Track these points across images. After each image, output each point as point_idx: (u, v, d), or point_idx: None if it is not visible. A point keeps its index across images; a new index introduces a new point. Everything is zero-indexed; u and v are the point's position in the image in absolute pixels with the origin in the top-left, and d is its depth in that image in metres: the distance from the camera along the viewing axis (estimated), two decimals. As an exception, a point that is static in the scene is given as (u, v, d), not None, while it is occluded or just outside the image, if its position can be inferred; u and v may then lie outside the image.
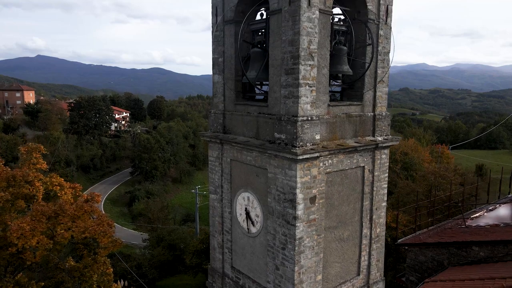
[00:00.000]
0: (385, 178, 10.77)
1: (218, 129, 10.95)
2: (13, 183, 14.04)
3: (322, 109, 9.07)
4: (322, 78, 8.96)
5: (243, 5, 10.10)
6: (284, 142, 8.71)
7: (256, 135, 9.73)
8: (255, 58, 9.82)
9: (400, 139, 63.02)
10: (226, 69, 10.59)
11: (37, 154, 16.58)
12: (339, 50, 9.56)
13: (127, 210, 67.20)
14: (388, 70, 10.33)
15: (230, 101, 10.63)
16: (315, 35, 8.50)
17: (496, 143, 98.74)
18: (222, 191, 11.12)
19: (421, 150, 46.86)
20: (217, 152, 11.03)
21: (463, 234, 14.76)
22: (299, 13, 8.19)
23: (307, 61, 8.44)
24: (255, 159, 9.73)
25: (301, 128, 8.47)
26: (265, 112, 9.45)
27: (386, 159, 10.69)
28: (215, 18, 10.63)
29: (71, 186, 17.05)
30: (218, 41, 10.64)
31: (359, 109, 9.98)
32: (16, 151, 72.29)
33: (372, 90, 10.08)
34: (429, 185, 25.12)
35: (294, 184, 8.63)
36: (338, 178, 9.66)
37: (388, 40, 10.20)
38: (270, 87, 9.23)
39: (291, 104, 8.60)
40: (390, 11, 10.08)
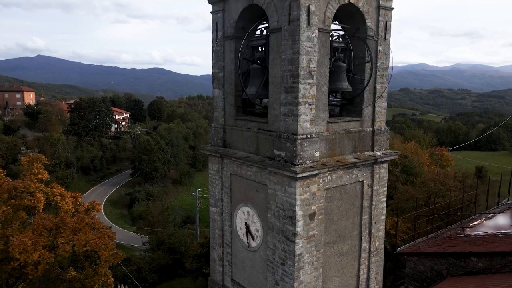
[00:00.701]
0: (384, 192, 10.85)
1: (218, 143, 11.03)
2: (15, 194, 14.13)
3: (321, 126, 9.15)
4: (321, 96, 9.04)
5: (243, 22, 10.17)
6: (284, 160, 8.79)
7: (256, 151, 9.81)
8: (255, 75, 9.89)
9: (400, 141, 62.64)
10: (226, 84, 10.66)
11: (38, 164, 16.65)
12: (338, 67, 9.64)
13: (127, 212, 67.30)
14: (387, 85, 10.41)
15: (230, 115, 10.71)
16: (314, 54, 8.57)
17: (496, 145, 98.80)
18: (222, 205, 11.20)
19: (421, 153, 46.94)
20: (217, 165, 11.10)
21: (462, 243, 14.85)
22: (298, 32, 8.27)
23: (306, 79, 8.52)
24: (255, 174, 9.81)
25: (300, 146, 8.54)
26: (265, 128, 9.53)
27: (385, 173, 10.77)
28: (215, 33, 10.70)
29: (72, 195, 17.12)
30: (218, 56, 10.71)
31: (358, 124, 10.05)
32: (16, 152, 72.56)
33: (371, 106, 10.16)
34: (429, 191, 25.23)
35: (294, 201, 8.71)
36: (337, 193, 9.74)
37: (387, 56, 10.28)
38: (270, 104, 9.31)
39: (290, 122, 8.68)
40: (389, 27, 10.15)
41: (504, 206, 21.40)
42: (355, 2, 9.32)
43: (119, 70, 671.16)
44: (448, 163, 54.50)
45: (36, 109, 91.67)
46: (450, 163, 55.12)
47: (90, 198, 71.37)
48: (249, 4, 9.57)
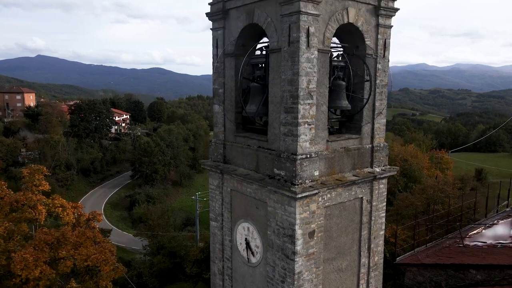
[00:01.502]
0: (383, 207, 10.93)
1: (218, 159, 11.10)
2: (16, 207, 14.22)
3: (321, 145, 9.23)
4: (321, 115, 9.12)
5: (243, 39, 10.25)
6: (284, 179, 8.87)
7: (256, 168, 9.89)
8: (254, 93, 9.97)
9: (400, 144, 62.82)
10: (226, 100, 10.74)
11: (39, 175, 16.73)
12: (338, 85, 9.71)
13: (127, 214, 67.39)
14: (386, 102, 10.48)
15: (230, 132, 10.79)
16: (314, 75, 8.65)
17: (495, 146, 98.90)
18: (222, 219, 11.28)
19: (420, 157, 47.03)
20: (218, 181, 11.18)
21: (461, 255, 14.93)
22: (298, 54, 8.35)
23: (306, 100, 8.60)
24: (255, 191, 9.89)
25: (300, 166, 8.62)
26: (265, 146, 9.61)
27: (384, 188, 10.85)
28: (216, 50, 10.78)
29: (73, 206, 17.19)
30: (219, 72, 10.79)
31: (358, 142, 10.13)
32: (17, 154, 72.64)
33: (370, 123, 10.24)
34: (428, 198, 25.34)
35: (293, 220, 8.79)
36: (336, 210, 9.82)
37: (386, 73, 10.36)
38: (270, 123, 9.39)
39: (290, 142, 8.76)
40: (388, 44, 10.23)
41: (503, 213, 21.47)
42: (354, 21, 9.39)
43: (119, 70, 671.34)
44: (448, 166, 54.59)
45: (36, 111, 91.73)
46: (450, 166, 55.21)
47: (91, 200, 71.54)
48: (249, 23, 9.65)
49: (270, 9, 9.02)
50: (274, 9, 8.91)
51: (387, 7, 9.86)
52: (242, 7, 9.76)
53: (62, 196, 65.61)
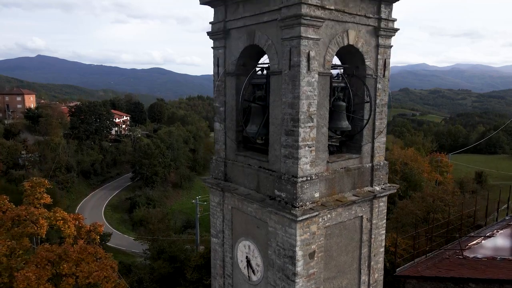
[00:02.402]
0: (383, 224, 11.00)
1: (219, 176, 11.17)
2: (18, 222, 14.29)
3: (321, 166, 9.29)
4: (321, 137, 9.19)
5: (244, 59, 10.32)
6: (284, 201, 8.93)
7: (257, 188, 9.95)
8: (255, 113, 10.04)
9: (400, 146, 62.73)
10: (227, 118, 10.80)
11: (41, 188, 16.80)
12: (338, 106, 9.78)
13: (127, 217, 67.41)
14: (386, 121, 10.55)
15: (231, 150, 10.85)
16: (314, 98, 8.72)
17: (496, 148, 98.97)
18: (223, 236, 11.34)
19: (420, 161, 47.12)
20: (219, 198, 11.24)
21: (460, 267, 15.01)
22: (299, 78, 8.41)
23: (306, 123, 8.66)
24: (256, 211, 9.95)
25: (300, 189, 8.69)
26: (265, 167, 9.67)
27: (384, 206, 10.91)
28: (217, 68, 10.84)
29: (74, 217, 17.26)
30: (220, 91, 10.85)
31: (358, 161, 10.20)
32: (17, 156, 72.66)
33: (370, 142, 10.30)
34: (428, 207, 25.41)
35: (294, 242, 8.85)
36: (336, 230, 9.88)
37: (386, 92, 10.42)
38: (271, 144, 9.45)
39: (291, 164, 8.83)
40: (388, 64, 10.30)
41: (503, 222, 21.55)
42: (354, 43, 9.46)
43: (119, 70, 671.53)
44: (448, 170, 54.67)
45: (36, 113, 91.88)
46: (450, 170, 55.29)
47: (91, 202, 71.62)
48: (250, 44, 9.71)
49: (271, 32, 9.09)
50: (274, 32, 8.98)
51: (387, 28, 9.93)
52: (243, 28, 9.83)
53: (63, 199, 65.89)
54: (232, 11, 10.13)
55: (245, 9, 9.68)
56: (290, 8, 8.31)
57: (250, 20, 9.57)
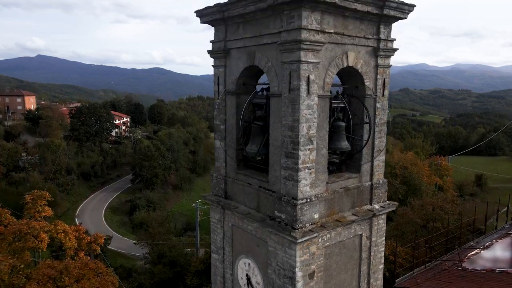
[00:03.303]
0: (382, 241, 11.07)
1: (219, 194, 11.24)
2: (19, 236, 14.36)
3: (321, 187, 9.36)
4: (321, 159, 9.26)
5: (244, 78, 10.39)
6: (284, 222, 9.01)
7: (257, 207, 10.03)
8: (255, 133, 10.11)
9: (400, 149, 62.75)
10: (227, 137, 10.87)
11: (42, 201, 16.88)
12: (337, 127, 9.85)
13: (127, 219, 67.47)
14: (385, 140, 10.63)
15: (231, 168, 10.92)
16: (314, 120, 8.79)
17: (495, 150, 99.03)
18: (224, 253, 11.41)
19: (420, 164, 47.21)
20: (219, 215, 11.31)
21: (459, 280, 15.09)
22: (298, 102, 8.48)
23: (306, 146, 8.73)
24: (256, 230, 10.02)
25: (300, 211, 8.76)
26: (266, 187, 9.74)
27: (383, 223, 10.98)
28: (217, 86, 10.91)
29: (75, 229, 17.33)
30: (220, 109, 10.92)
31: (357, 180, 10.27)
32: (17, 158, 72.74)
33: (370, 161, 10.37)
34: (427, 215, 25.49)
35: (294, 263, 8.93)
36: (336, 249, 9.95)
37: (385, 111, 10.49)
38: (271, 165, 9.52)
39: (291, 186, 8.90)
40: (387, 83, 10.37)
41: (502, 231, 21.64)
42: (354, 64, 9.53)
43: (119, 70, 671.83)
44: (447, 173, 54.77)
45: (37, 114, 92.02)
46: (449, 173, 55.38)
47: (91, 205, 71.69)
48: (250, 65, 9.78)
49: (271, 54, 9.16)
50: (274, 54, 9.05)
51: (386, 48, 10.00)
52: (243, 48, 9.89)
53: (63, 201, 65.86)
54: (232, 31, 10.20)
55: (245, 30, 9.75)
56: (290, 32, 8.38)
57: (250, 41, 9.64)
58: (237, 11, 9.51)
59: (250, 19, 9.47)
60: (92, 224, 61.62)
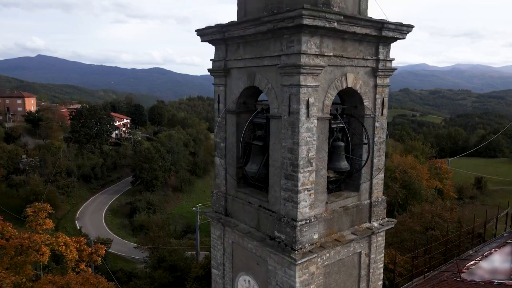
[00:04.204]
0: (381, 258, 11.16)
1: (220, 210, 11.33)
2: (21, 250, 14.45)
3: (320, 208, 9.45)
4: (320, 180, 9.34)
5: (244, 97, 10.48)
6: (284, 243, 9.10)
7: (257, 226, 10.12)
8: (255, 152, 10.19)
9: (400, 152, 62.68)
10: (228, 155, 10.96)
11: (43, 214, 16.98)
12: (337, 147, 9.93)
13: (127, 222, 67.61)
14: (384, 158, 10.71)
15: (231, 185, 11.01)
16: (313, 143, 8.87)
17: (495, 151, 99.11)
18: (224, 269, 11.50)
19: (420, 168, 47.30)
20: (219, 231, 11.40)
21: (458, 291, 15.19)
22: (298, 125, 8.57)
23: (305, 168, 8.82)
24: (256, 248, 10.11)
25: (300, 232, 8.85)
26: (266, 207, 9.83)
27: (382, 240, 11.07)
28: (218, 105, 11.00)
29: (76, 241, 17.43)
30: (220, 127, 11.01)
31: (356, 199, 10.35)
32: (18, 161, 72.81)
33: (369, 180, 10.46)
34: (426, 223, 25.58)
35: (293, 283, 9.01)
36: (335, 267, 10.04)
37: (384, 130, 10.59)
38: (271, 185, 9.61)
39: (290, 207, 8.99)
40: (386, 102, 10.46)
41: (501, 239, 21.74)
42: (353, 85, 9.62)
43: (119, 70, 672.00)
44: (447, 176, 54.86)
45: (37, 116, 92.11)
46: (449, 176, 55.47)
47: (91, 207, 71.83)
48: (250, 85, 9.87)
49: (271, 76, 9.24)
50: (274, 76, 9.13)
51: (385, 68, 10.09)
52: (244, 68, 9.98)
53: (63, 204, 65.88)
54: (232, 51, 10.29)
55: (246, 51, 9.84)
56: (289, 56, 8.47)
57: (250, 62, 9.72)
58: (237, 33, 9.60)
59: (250, 40, 9.56)
60: (92, 227, 61.77)
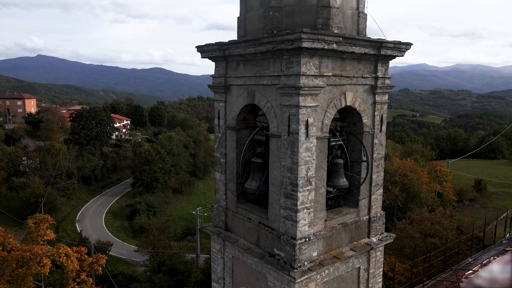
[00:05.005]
0: (380, 273, 11.24)
1: (220, 225, 11.41)
2: (22, 262, 14.52)
3: (319, 225, 9.54)
4: (319, 198, 9.43)
5: (244, 114, 10.57)
6: (284, 261, 9.18)
7: (257, 243, 10.20)
8: (255, 169, 10.28)
9: (399, 155, 62.68)
10: (228, 170, 11.04)
11: (44, 225, 17.07)
12: (335, 164, 10.02)
13: (128, 224, 67.62)
14: (383, 174, 10.80)
15: (231, 201, 11.09)
16: (312, 162, 8.96)
17: (495, 153, 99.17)
18: (224, 283, 11.59)
19: (419, 171, 47.38)
20: (220, 246, 11.49)
21: (456, 302, 15.27)
22: (297, 145, 8.65)
23: (305, 187, 8.90)
24: (256, 264, 10.19)
25: (299, 250, 8.94)
26: (265, 224, 9.91)
27: (381, 255, 11.16)
28: (218, 120, 11.09)
29: (77, 251, 17.51)
30: (221, 142, 11.09)
31: (355, 215, 10.44)
32: (18, 163, 72.84)
33: (368, 196, 10.54)
34: (426, 231, 25.65)
35: (293, 301, 9.10)
36: (334, 283, 10.12)
37: (383, 147, 10.67)
38: (270, 203, 9.69)
39: (290, 226, 9.07)
40: (384, 119, 10.54)
41: (500, 247, 21.82)
42: (352, 104, 9.70)
43: (119, 70, 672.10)
44: (446, 179, 54.94)
45: (37, 118, 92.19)
46: (448, 179, 55.56)
47: (91, 209, 71.84)
48: (250, 103, 9.96)
49: (270, 95, 9.33)
50: (274, 96, 9.22)
51: (384, 85, 10.17)
52: (243, 86, 10.07)
53: (64, 206, 65.85)
54: (232, 68, 10.38)
55: (245, 69, 9.93)
56: (289, 77, 8.56)
57: (250, 80, 9.81)
58: (237, 51, 9.69)
59: (250, 59, 9.64)
60: (92, 229, 61.85)
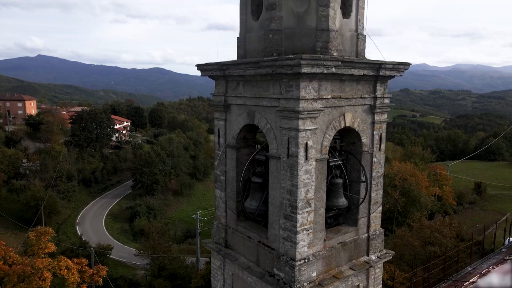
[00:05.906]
0: (379, 289, 11.31)
1: (220, 242, 11.48)
2: (23, 276, 14.58)
3: (318, 245, 9.61)
4: (318, 218, 9.50)
5: (244, 132, 10.63)
6: (283, 281, 9.25)
7: (256, 261, 10.27)
8: (255, 188, 10.34)
9: (399, 158, 62.78)
10: (228, 188, 11.11)
11: (45, 237, 17.13)
12: (335, 184, 10.08)
13: (128, 227, 67.69)
14: (382, 191, 10.87)
15: (231, 218, 11.16)
16: (312, 184, 9.03)
17: (495, 155, 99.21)
18: (224, 299, 11.66)
19: (419, 175, 47.45)
20: (220, 262, 11.55)
21: (455, 314, 15.35)
22: (297, 168, 8.72)
23: (304, 209, 8.97)
24: (256, 282, 10.26)
25: (298, 272, 9.01)
26: (265, 243, 9.98)
27: (380, 272, 11.23)
28: (218, 139, 11.16)
29: (77, 262, 17.57)
30: (221, 160, 11.16)
31: (354, 233, 10.50)
32: (18, 165, 72.88)
33: (367, 215, 10.61)
34: (425, 238, 25.72)
35: (293, 321, 9.16)
36: (334, 302, 10.19)
37: (382, 165, 10.74)
38: (270, 223, 9.76)
39: (289, 247, 9.14)
40: (383, 138, 10.61)
41: (499, 255, 21.89)
42: (351, 124, 9.76)
43: (119, 70, 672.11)
44: (446, 182, 55.01)
45: (37, 119, 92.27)
46: (448, 182, 55.63)
47: (92, 212, 71.92)
48: (249, 123, 10.02)
49: (270, 116, 9.39)
50: (273, 118, 9.28)
51: (383, 105, 10.24)
52: (243, 106, 10.13)
53: (64, 208, 65.84)
54: (232, 87, 10.44)
55: (245, 89, 9.99)
56: (288, 101, 8.63)
57: (250, 100, 9.87)
58: (237, 72, 9.76)
59: (250, 79, 9.71)
60: (92, 232, 61.92)
